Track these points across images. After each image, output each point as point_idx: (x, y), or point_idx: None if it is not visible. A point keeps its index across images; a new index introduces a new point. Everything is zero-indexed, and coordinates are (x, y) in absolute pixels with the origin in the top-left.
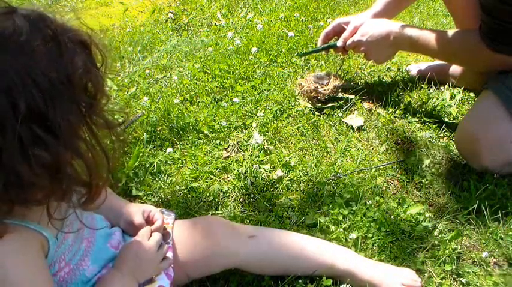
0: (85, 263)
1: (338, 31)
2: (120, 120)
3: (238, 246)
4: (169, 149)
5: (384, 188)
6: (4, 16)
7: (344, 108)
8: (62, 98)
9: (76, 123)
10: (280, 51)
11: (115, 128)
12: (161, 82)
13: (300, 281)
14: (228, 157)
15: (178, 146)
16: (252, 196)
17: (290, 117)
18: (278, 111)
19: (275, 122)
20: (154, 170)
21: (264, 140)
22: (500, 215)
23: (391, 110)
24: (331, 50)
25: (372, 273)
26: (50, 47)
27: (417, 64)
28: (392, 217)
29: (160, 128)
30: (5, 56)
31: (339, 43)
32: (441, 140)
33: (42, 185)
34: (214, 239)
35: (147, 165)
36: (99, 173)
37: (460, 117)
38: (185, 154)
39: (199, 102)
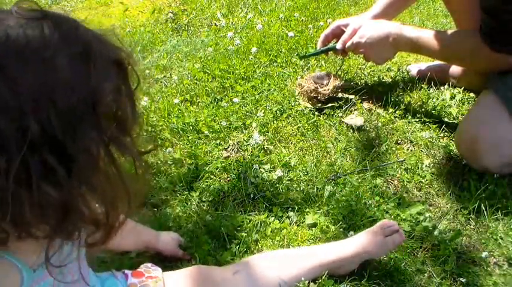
0: None
1: (337, 33)
2: (149, 148)
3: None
4: (169, 149)
5: (384, 188)
6: (34, 22)
7: (344, 108)
8: (83, 126)
9: (97, 155)
10: (280, 51)
11: (142, 156)
12: (161, 82)
13: (300, 284)
14: (228, 157)
15: (178, 146)
16: (252, 196)
17: (290, 117)
18: (278, 111)
19: (275, 122)
20: (155, 170)
21: (264, 140)
22: (500, 215)
23: (391, 110)
24: (331, 52)
25: (355, 246)
26: (77, 66)
27: (417, 64)
28: (392, 217)
29: (160, 128)
30: (23, 71)
31: (339, 45)
32: (441, 140)
33: (46, 225)
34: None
35: None
36: (117, 211)
37: (460, 117)
38: (185, 153)
39: (199, 102)
